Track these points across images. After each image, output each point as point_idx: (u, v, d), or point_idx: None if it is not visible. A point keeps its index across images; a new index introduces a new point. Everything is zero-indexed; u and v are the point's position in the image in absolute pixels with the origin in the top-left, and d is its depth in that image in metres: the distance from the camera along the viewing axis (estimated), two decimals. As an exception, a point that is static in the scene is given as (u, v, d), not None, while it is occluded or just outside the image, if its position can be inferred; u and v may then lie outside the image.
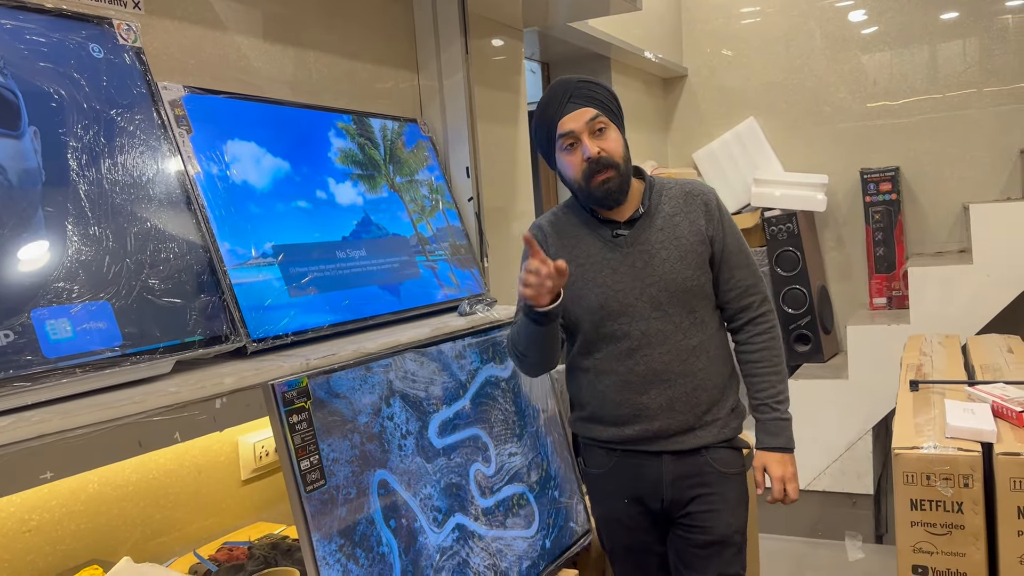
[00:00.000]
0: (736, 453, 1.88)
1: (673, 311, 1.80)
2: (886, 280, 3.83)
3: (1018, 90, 3.70)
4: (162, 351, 1.37)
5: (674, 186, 1.88)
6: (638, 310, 1.80)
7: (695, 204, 1.84)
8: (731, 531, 1.84)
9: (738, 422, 1.89)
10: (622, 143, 1.80)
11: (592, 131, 1.76)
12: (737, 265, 1.86)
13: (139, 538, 1.69)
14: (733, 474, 1.86)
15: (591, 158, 1.75)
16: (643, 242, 1.82)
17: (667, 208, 1.84)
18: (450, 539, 1.69)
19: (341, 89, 2.19)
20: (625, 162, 1.79)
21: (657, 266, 1.80)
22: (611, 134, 1.78)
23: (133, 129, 1.51)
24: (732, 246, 1.85)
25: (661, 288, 1.80)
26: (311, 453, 1.43)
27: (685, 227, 1.82)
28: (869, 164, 3.92)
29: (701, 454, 1.84)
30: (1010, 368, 2.34)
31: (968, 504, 1.70)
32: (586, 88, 1.79)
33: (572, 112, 1.76)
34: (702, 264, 1.82)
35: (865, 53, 3.97)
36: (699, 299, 1.82)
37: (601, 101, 1.79)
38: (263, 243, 1.68)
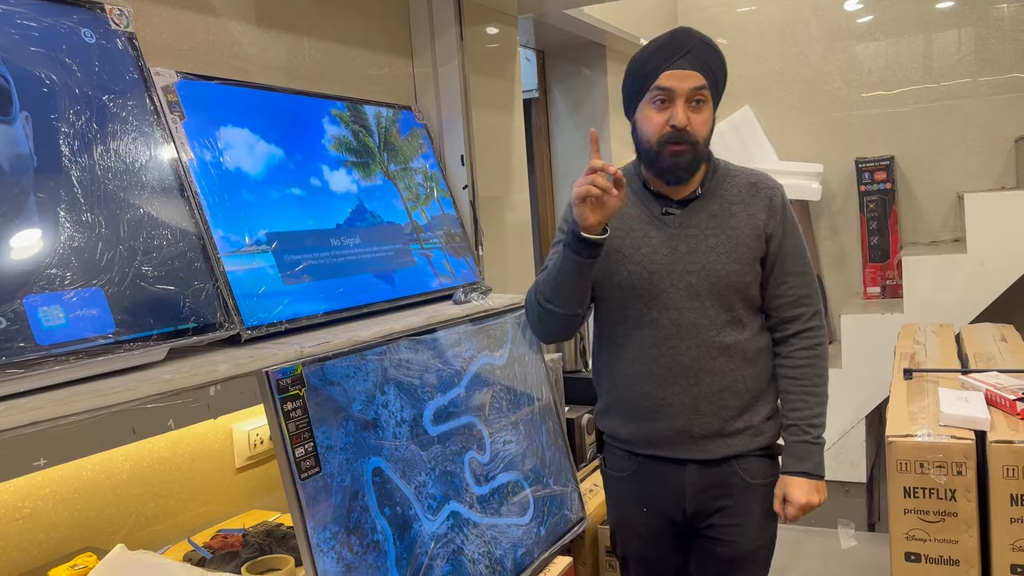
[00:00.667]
0: (767, 462, 1.76)
1: (710, 304, 1.68)
2: (880, 269, 3.83)
3: (1013, 79, 3.70)
4: (155, 338, 1.36)
5: (740, 174, 1.75)
6: (671, 297, 1.69)
7: (759, 197, 1.71)
8: (756, 546, 1.75)
9: (774, 430, 1.77)
10: (711, 125, 1.68)
11: (690, 99, 1.62)
12: (792, 271, 1.72)
13: (133, 525, 1.68)
14: (762, 485, 1.75)
15: (676, 126, 1.61)
16: (693, 225, 1.70)
17: (727, 195, 1.72)
18: (444, 526, 1.69)
19: (335, 76, 2.18)
20: (705, 144, 1.67)
21: (702, 253, 1.68)
22: (706, 111, 1.65)
23: (125, 115, 1.49)
24: (790, 249, 1.72)
25: (702, 277, 1.67)
26: (305, 440, 1.43)
27: (742, 218, 1.70)
28: (864, 153, 3.92)
29: (730, 464, 1.73)
30: (1003, 357, 2.35)
31: (961, 492, 1.71)
32: (705, 52, 1.64)
33: (680, 71, 1.61)
34: (752, 261, 1.69)
35: (860, 42, 3.97)
36: (741, 297, 1.70)
37: (713, 72, 1.65)
38: (257, 230, 1.67)
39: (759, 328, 1.75)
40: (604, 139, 3.75)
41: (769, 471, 1.76)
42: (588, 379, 2.78)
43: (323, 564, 1.41)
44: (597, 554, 2.32)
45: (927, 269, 3.35)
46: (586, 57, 3.74)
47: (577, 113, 3.80)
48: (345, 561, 1.45)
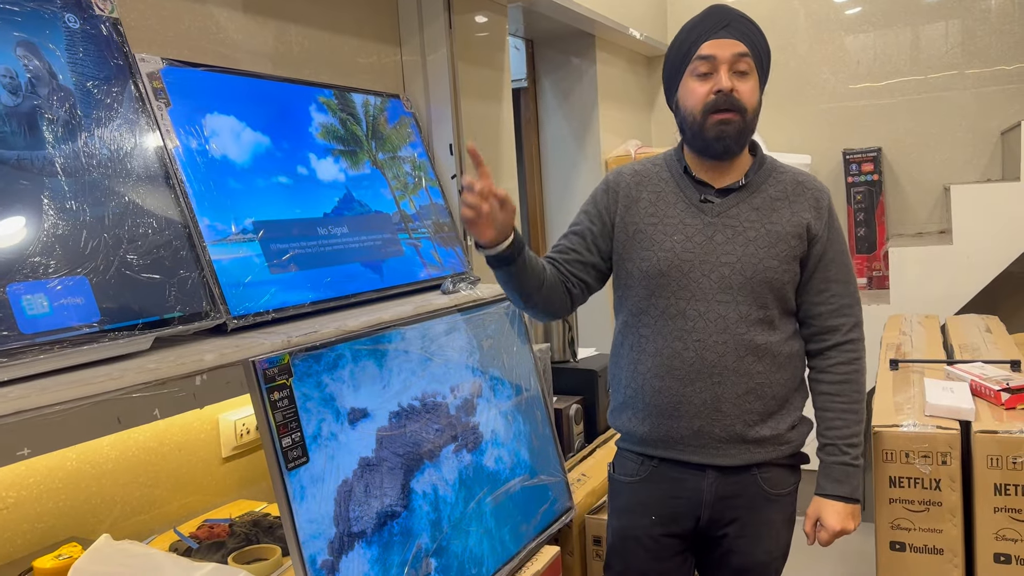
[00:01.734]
0: (789, 472, 1.70)
1: (743, 300, 1.60)
2: (867, 260, 3.85)
3: (1000, 72, 3.72)
4: (141, 327, 1.35)
5: (787, 172, 1.68)
6: (703, 288, 1.61)
7: (805, 195, 1.65)
8: (770, 558, 1.69)
9: (800, 439, 1.70)
10: (758, 98, 1.61)
11: (734, 67, 1.57)
12: (836, 279, 1.65)
13: (118, 515, 1.67)
14: (783, 495, 1.69)
15: (722, 91, 1.55)
16: (732, 216, 1.62)
17: (772, 190, 1.65)
18: (432, 516, 1.69)
19: (323, 63, 2.16)
20: (753, 116, 1.60)
21: (740, 245, 1.60)
22: (751, 82, 1.59)
23: (110, 102, 1.48)
24: (834, 255, 1.65)
25: (737, 270, 1.60)
26: (293, 430, 1.42)
27: (786, 215, 1.62)
28: (852, 145, 3.93)
29: (751, 472, 1.66)
30: (988, 348, 2.36)
31: (946, 481, 1.72)
32: (746, 25, 1.60)
33: (723, 39, 1.57)
34: (791, 259, 1.61)
35: (849, 34, 3.97)
36: (776, 296, 1.62)
37: (756, 45, 1.60)
38: (243, 219, 1.66)
39: (791, 333, 1.67)
40: (593, 131, 3.74)
41: (790, 480, 1.71)
42: (576, 369, 2.79)
43: (310, 553, 1.40)
44: (584, 543, 2.33)
45: (913, 260, 3.36)
46: (575, 47, 3.73)
47: (566, 103, 3.79)
48: (332, 551, 1.44)
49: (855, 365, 1.66)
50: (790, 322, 1.68)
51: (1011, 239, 3.18)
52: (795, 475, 1.73)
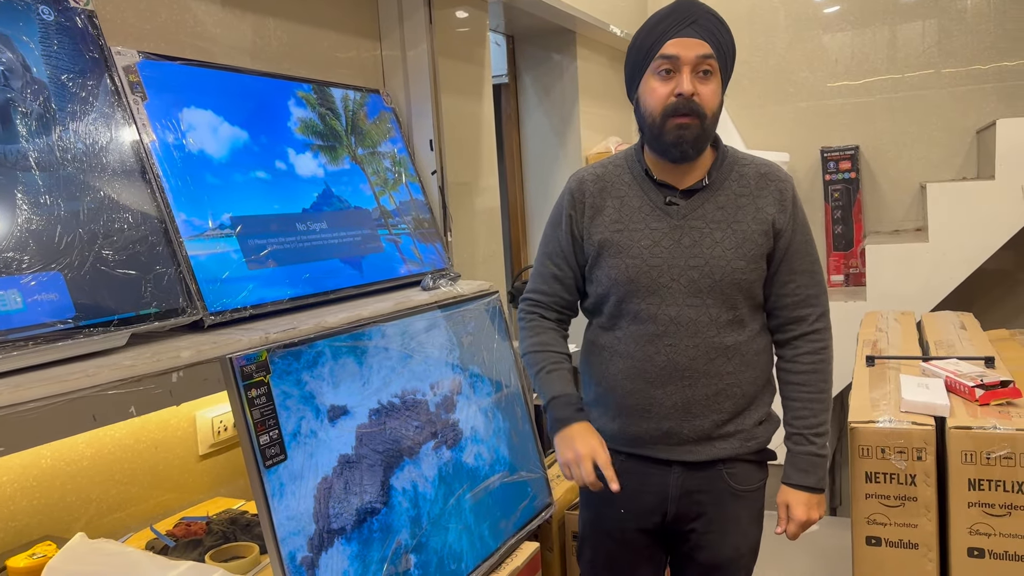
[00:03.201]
0: (756, 468, 1.71)
1: (712, 302, 1.60)
2: (844, 258, 3.88)
3: (975, 71, 3.76)
4: (116, 323, 1.34)
5: (750, 164, 1.66)
6: (672, 292, 1.60)
7: (768, 189, 1.63)
8: (737, 554, 1.69)
9: (766, 435, 1.70)
10: (719, 100, 1.59)
11: (697, 68, 1.54)
12: (800, 270, 1.64)
13: (94, 514, 1.66)
14: (749, 491, 1.69)
15: (682, 94, 1.52)
16: (698, 217, 1.61)
17: (735, 186, 1.63)
18: (411, 514, 1.68)
19: (302, 57, 2.15)
20: (713, 119, 1.58)
21: (707, 248, 1.59)
22: (713, 83, 1.56)
23: (85, 95, 1.46)
24: (799, 246, 1.64)
25: (705, 273, 1.59)
26: (270, 428, 1.41)
27: (750, 212, 1.61)
28: (829, 143, 3.96)
29: (717, 468, 1.66)
30: (963, 344, 2.39)
31: (921, 476, 1.74)
32: (712, 23, 1.56)
33: (687, 38, 1.53)
34: (758, 258, 1.61)
35: (827, 32, 4.00)
36: (745, 295, 1.61)
37: (721, 44, 1.56)
38: (220, 214, 1.64)
39: (760, 328, 1.68)
40: (573, 127, 3.75)
41: (756, 477, 1.71)
42: (556, 366, 2.78)
43: (289, 550, 1.39)
44: (564, 539, 2.34)
45: (890, 258, 3.40)
46: (556, 43, 3.73)
47: (547, 99, 3.79)
48: (312, 547, 1.44)
49: (821, 355, 1.66)
50: (758, 317, 1.68)
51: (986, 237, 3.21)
52: (762, 471, 1.73)
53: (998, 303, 3.74)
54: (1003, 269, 3.67)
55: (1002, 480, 1.66)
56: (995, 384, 1.83)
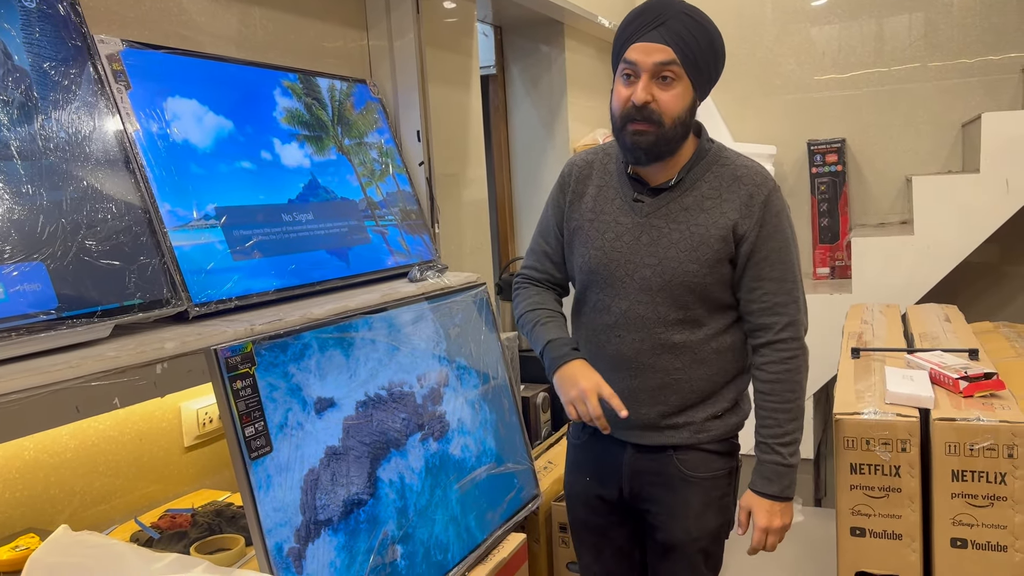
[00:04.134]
0: (709, 456, 1.70)
1: (661, 301, 1.62)
2: (830, 250, 3.90)
3: (961, 65, 3.77)
4: (100, 315, 1.32)
5: (729, 165, 1.64)
6: (626, 287, 1.64)
7: (737, 193, 1.60)
8: (689, 538, 1.70)
9: (723, 428, 1.70)
10: (686, 104, 1.56)
11: (656, 74, 1.53)
12: (768, 277, 1.61)
13: (78, 506, 1.65)
14: (700, 478, 1.70)
15: (636, 104, 1.53)
16: (660, 216, 1.62)
17: (705, 188, 1.62)
18: (398, 506, 1.68)
19: (287, 47, 2.13)
20: (676, 125, 1.55)
21: (663, 248, 1.61)
22: (676, 88, 1.54)
23: (68, 84, 1.44)
24: (768, 252, 1.60)
25: (657, 272, 1.61)
26: (256, 420, 1.41)
27: (713, 215, 1.60)
28: (816, 135, 3.96)
29: (667, 453, 1.69)
30: (947, 336, 2.40)
31: (905, 468, 1.75)
32: (682, 23, 1.53)
33: (648, 43, 1.52)
34: (715, 262, 1.59)
35: (815, 25, 4.00)
36: (698, 297, 1.62)
37: (689, 46, 1.52)
38: (205, 204, 1.63)
39: (725, 327, 1.67)
40: (561, 118, 3.74)
41: (713, 465, 1.71)
42: (543, 357, 2.79)
43: (276, 541, 1.39)
44: (551, 531, 2.34)
45: (875, 250, 3.41)
46: (544, 34, 3.71)
47: (535, 90, 3.78)
48: (299, 538, 1.43)
49: (788, 365, 1.63)
50: (723, 317, 1.67)
51: (971, 230, 3.23)
52: (721, 461, 1.72)
53: (982, 296, 3.77)
54: (987, 262, 3.70)
55: (985, 471, 1.68)
56: (979, 376, 1.84)
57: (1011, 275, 3.74)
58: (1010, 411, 1.71)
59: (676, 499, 1.70)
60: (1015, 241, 3.62)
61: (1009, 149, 3.12)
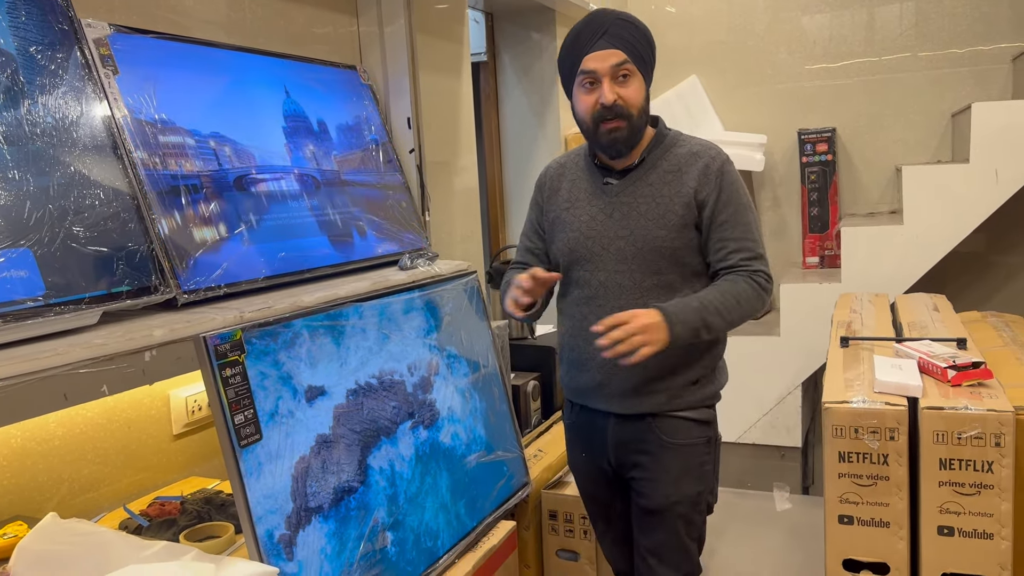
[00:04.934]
0: (690, 424, 1.80)
1: (636, 268, 1.76)
2: (819, 240, 3.90)
3: (951, 55, 3.78)
4: (88, 301, 1.31)
5: (686, 145, 1.81)
6: (603, 260, 1.79)
7: (695, 165, 1.77)
8: (669, 502, 1.80)
9: (695, 396, 1.81)
10: (644, 94, 1.75)
11: (615, 76, 1.71)
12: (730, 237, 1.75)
13: (66, 493, 1.64)
14: (678, 444, 1.80)
15: (605, 105, 1.70)
16: (629, 194, 1.79)
17: (666, 164, 1.78)
18: (388, 493, 1.68)
19: (277, 33, 2.11)
20: (641, 114, 1.74)
21: (633, 220, 1.76)
22: (634, 83, 1.72)
23: (55, 68, 1.43)
24: (727, 217, 1.75)
25: (630, 242, 1.76)
26: (245, 407, 1.40)
27: (676, 186, 1.76)
28: (807, 125, 3.96)
29: (645, 420, 1.80)
30: (936, 326, 2.41)
31: (893, 456, 1.76)
32: (621, 28, 1.71)
33: (600, 51, 1.70)
34: (682, 228, 1.74)
35: (806, 14, 4.00)
36: (669, 262, 1.76)
37: (633, 45, 1.71)
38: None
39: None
40: (552, 106, 3.73)
41: (691, 433, 1.81)
42: (534, 346, 2.79)
43: (267, 528, 1.39)
44: (540, 518, 2.35)
45: (864, 240, 3.42)
46: (535, 21, 3.70)
47: (526, 78, 3.77)
48: (290, 525, 1.43)
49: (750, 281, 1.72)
50: (698, 283, 1.79)
51: (960, 219, 3.24)
52: (699, 429, 1.82)
53: (971, 285, 3.79)
54: (976, 252, 3.71)
55: (972, 460, 1.69)
56: (967, 365, 1.85)
57: (999, 265, 3.75)
58: (998, 400, 1.72)
59: (656, 464, 1.81)
60: (1003, 231, 3.64)
61: (998, 139, 3.13)
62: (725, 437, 3.69)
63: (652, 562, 1.85)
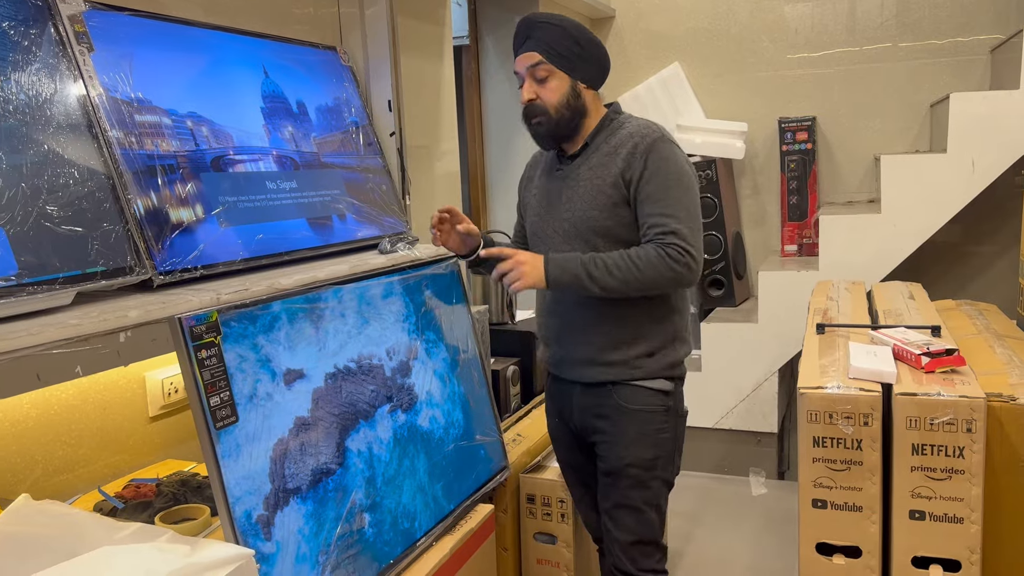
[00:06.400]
0: (644, 391, 1.90)
1: (577, 246, 1.87)
2: (798, 228, 3.93)
3: (931, 46, 3.80)
4: (62, 281, 1.30)
5: (626, 127, 1.89)
6: (553, 240, 1.93)
7: (626, 146, 1.85)
8: (623, 464, 1.90)
9: (657, 366, 1.90)
10: (564, 91, 1.85)
11: (534, 76, 1.85)
12: (652, 212, 1.79)
13: (40, 475, 1.63)
14: (634, 410, 1.89)
15: (523, 103, 1.87)
16: (572, 177, 1.91)
17: (606, 147, 1.88)
18: (366, 476, 1.68)
19: (256, 12, 2.09)
20: (562, 110, 1.85)
21: (573, 201, 1.89)
22: (552, 82, 1.84)
23: (28, 44, 1.40)
24: (651, 191, 1.80)
25: (571, 223, 1.89)
26: (221, 389, 1.40)
27: (608, 167, 1.85)
28: (787, 113, 3.98)
29: (607, 388, 1.92)
30: (911, 313, 2.44)
31: (867, 441, 1.78)
32: (540, 30, 1.84)
33: (522, 54, 1.86)
34: (611, 206, 1.84)
35: (788, 3, 4.01)
36: (604, 239, 1.85)
37: (551, 46, 1.83)
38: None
39: None
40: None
41: (646, 400, 1.90)
42: (514, 331, 2.80)
43: (245, 509, 1.39)
44: (518, 502, 2.36)
45: (842, 228, 3.44)
46: (519, 5, 3.68)
47: (509, 62, 3.75)
48: (268, 506, 1.43)
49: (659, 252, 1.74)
50: None
51: (937, 209, 3.27)
52: (656, 397, 1.91)
53: (946, 274, 3.83)
54: (951, 241, 3.75)
55: (944, 445, 1.71)
56: (940, 352, 1.87)
57: (974, 255, 3.80)
58: (970, 386, 1.74)
59: (614, 428, 1.91)
60: (978, 221, 3.68)
61: (975, 129, 3.16)
62: (702, 423, 3.72)
63: (609, 525, 1.95)
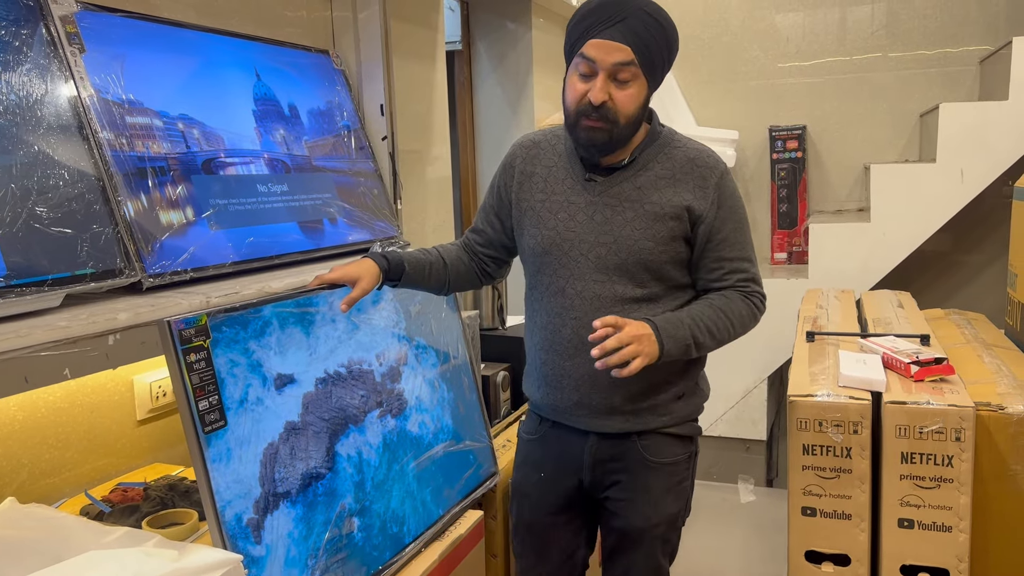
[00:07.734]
0: (674, 441, 1.70)
1: (618, 279, 1.61)
2: (788, 236, 3.94)
3: (921, 56, 3.83)
4: (51, 283, 1.29)
5: (681, 148, 1.64)
6: (581, 267, 1.62)
7: (692, 175, 1.61)
8: (648, 524, 1.69)
9: (686, 410, 1.71)
10: (639, 103, 1.55)
11: (614, 75, 1.52)
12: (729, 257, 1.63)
13: (26, 478, 1.61)
14: (664, 464, 1.69)
15: (591, 103, 1.52)
16: (614, 195, 1.61)
17: (659, 168, 1.61)
18: (355, 480, 1.67)
19: (249, 14, 2.08)
20: (630, 124, 1.56)
21: (618, 226, 1.60)
22: (632, 89, 1.53)
23: (19, 45, 1.40)
24: (728, 233, 1.62)
25: (613, 251, 1.60)
26: (210, 393, 1.39)
27: (667, 195, 1.59)
28: (778, 122, 4.00)
29: (631, 438, 1.68)
30: (900, 322, 2.45)
31: (856, 449, 1.78)
32: (643, 23, 1.50)
33: (607, 41, 1.49)
34: (669, 240, 1.59)
35: (780, 12, 4.03)
36: (653, 275, 1.61)
37: (648, 50, 1.51)
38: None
39: (681, 307, 1.64)
40: (527, 96, 3.72)
41: (675, 451, 1.70)
42: (504, 337, 2.79)
43: (235, 513, 1.38)
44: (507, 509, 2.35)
45: (832, 237, 3.46)
46: (511, 10, 3.68)
47: (501, 67, 3.76)
48: (258, 510, 1.42)
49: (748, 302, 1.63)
50: (681, 296, 1.66)
51: (926, 218, 3.29)
52: (682, 446, 1.72)
53: (935, 283, 3.85)
54: (940, 251, 3.77)
55: (933, 454, 1.72)
56: (930, 361, 1.88)
57: (962, 264, 3.82)
58: (959, 395, 1.75)
59: (637, 484, 1.69)
60: (967, 230, 3.70)
61: (965, 139, 3.18)
62: (692, 430, 3.73)
63: None
